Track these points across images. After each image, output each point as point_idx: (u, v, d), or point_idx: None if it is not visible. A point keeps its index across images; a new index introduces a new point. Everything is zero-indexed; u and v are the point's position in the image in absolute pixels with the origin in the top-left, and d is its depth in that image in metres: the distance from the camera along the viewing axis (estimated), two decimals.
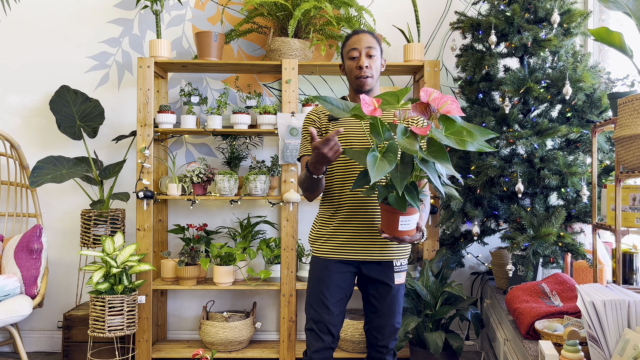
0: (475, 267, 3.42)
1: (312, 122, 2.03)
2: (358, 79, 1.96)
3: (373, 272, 1.95)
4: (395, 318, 1.98)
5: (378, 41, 2.00)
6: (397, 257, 1.96)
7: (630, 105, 1.68)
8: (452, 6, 3.43)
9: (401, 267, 1.97)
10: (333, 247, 1.95)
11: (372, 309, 1.98)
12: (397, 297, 1.98)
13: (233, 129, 3.12)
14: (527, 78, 2.62)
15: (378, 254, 1.93)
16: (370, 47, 1.96)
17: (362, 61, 1.94)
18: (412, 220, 1.65)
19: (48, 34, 3.44)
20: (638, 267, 2.25)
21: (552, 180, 2.47)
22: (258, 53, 3.45)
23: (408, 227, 1.65)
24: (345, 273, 1.95)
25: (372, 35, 1.98)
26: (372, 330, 1.99)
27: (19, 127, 3.44)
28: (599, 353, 1.47)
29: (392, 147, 1.49)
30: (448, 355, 2.70)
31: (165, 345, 3.25)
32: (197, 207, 3.44)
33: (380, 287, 1.96)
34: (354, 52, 1.96)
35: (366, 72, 1.94)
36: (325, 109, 1.73)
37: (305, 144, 2.02)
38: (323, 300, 1.92)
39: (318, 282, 1.94)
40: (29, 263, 2.95)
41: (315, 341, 1.93)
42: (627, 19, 2.82)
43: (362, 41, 1.96)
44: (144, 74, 3.04)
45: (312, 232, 2.05)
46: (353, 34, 2.00)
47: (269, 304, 3.44)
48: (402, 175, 1.47)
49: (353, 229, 1.93)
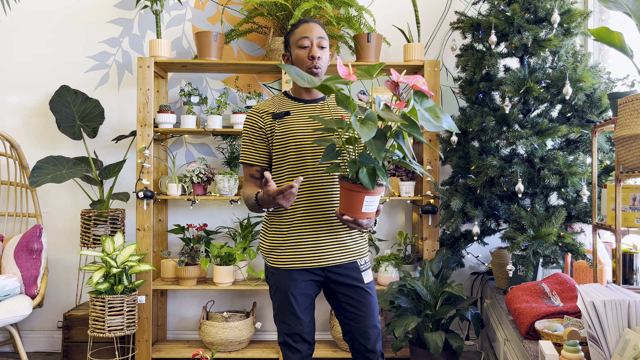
0: (475, 267, 3.42)
1: (255, 123, 1.89)
2: (309, 69, 1.84)
3: (341, 277, 1.86)
4: (376, 318, 1.89)
5: (327, 32, 1.92)
6: (360, 255, 1.89)
7: (630, 105, 1.68)
8: (452, 6, 3.43)
9: (366, 265, 1.90)
10: (293, 257, 1.83)
11: (349, 315, 1.88)
12: (373, 296, 1.90)
13: (233, 129, 3.12)
14: (527, 78, 2.62)
15: (340, 256, 1.85)
16: (322, 38, 1.87)
17: (315, 51, 1.83)
18: (376, 201, 1.60)
19: (48, 33, 3.44)
20: (638, 267, 2.25)
21: (552, 180, 2.47)
22: (258, 53, 3.45)
23: (371, 209, 1.60)
24: (309, 281, 1.86)
25: (322, 26, 1.90)
26: (356, 337, 1.88)
27: (19, 127, 3.44)
28: (599, 353, 1.47)
29: (372, 115, 1.45)
30: (448, 355, 2.70)
31: (165, 345, 3.25)
32: (197, 207, 3.44)
33: (353, 290, 1.86)
34: (304, 41, 1.84)
35: (318, 63, 1.84)
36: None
37: (249, 148, 1.90)
38: (292, 311, 1.84)
39: (284, 294, 1.84)
40: (29, 263, 2.95)
41: (292, 353, 1.87)
42: (627, 19, 2.83)
43: (313, 30, 1.86)
44: (144, 74, 3.04)
45: (264, 241, 1.91)
46: (302, 22, 1.89)
47: (269, 304, 3.44)
48: (378, 146, 1.44)
49: (311, 233, 1.82)
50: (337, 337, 3.11)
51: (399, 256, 3.15)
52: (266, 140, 1.88)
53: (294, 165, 1.84)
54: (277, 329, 1.90)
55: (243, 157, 1.91)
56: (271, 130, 1.87)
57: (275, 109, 1.90)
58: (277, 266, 1.86)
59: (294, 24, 1.92)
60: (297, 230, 1.83)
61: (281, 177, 1.87)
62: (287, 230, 1.84)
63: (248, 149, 1.90)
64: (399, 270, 3.10)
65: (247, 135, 1.90)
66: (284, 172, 1.86)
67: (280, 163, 1.87)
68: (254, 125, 1.89)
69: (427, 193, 3.07)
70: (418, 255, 3.22)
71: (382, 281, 3.09)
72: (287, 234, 1.84)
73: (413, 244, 3.25)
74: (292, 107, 1.90)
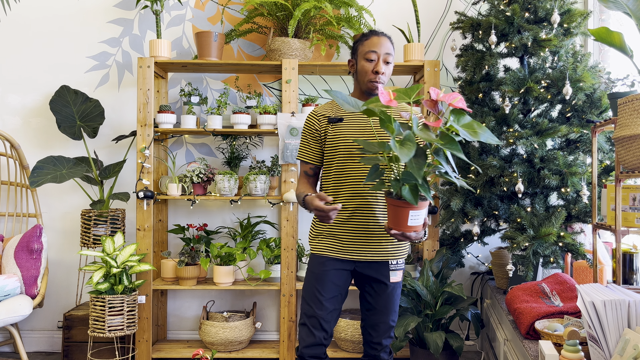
0: (475, 267, 3.42)
1: (312, 125, 2.04)
2: (371, 83, 1.97)
3: (368, 271, 1.97)
4: (390, 316, 2.00)
5: (394, 48, 2.02)
6: (393, 256, 1.99)
7: (630, 105, 1.68)
8: (452, 6, 3.43)
9: (397, 266, 1.99)
10: (330, 245, 1.98)
11: (367, 306, 2.01)
12: (393, 295, 2.00)
13: (233, 129, 3.12)
14: (527, 78, 2.62)
15: (373, 254, 1.95)
16: (389, 54, 1.97)
17: (380, 67, 1.95)
18: (421, 214, 1.67)
19: (48, 34, 3.44)
20: (638, 267, 2.25)
21: (552, 180, 2.47)
22: (258, 53, 3.45)
23: (417, 222, 1.67)
24: (341, 270, 1.96)
25: (391, 42, 2.00)
26: (367, 327, 2.02)
27: (19, 127, 3.44)
28: (599, 353, 1.48)
29: (410, 137, 1.53)
30: (448, 355, 2.70)
31: (165, 345, 3.25)
32: (197, 207, 3.44)
33: (376, 285, 1.98)
34: (372, 55, 1.95)
35: (381, 78, 1.96)
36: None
37: (305, 147, 2.06)
38: (317, 295, 1.94)
39: (313, 278, 1.97)
40: (29, 263, 2.95)
41: (307, 336, 1.94)
42: (627, 19, 2.83)
43: (382, 46, 1.96)
44: (144, 74, 3.04)
45: (312, 229, 2.08)
46: (373, 34, 1.98)
47: (269, 304, 3.44)
48: (418, 164, 1.53)
49: (350, 229, 1.95)
50: (338, 337, 3.11)
51: None
52: (320, 142, 2.03)
53: (341, 169, 1.97)
54: (300, 311, 2.04)
55: (300, 154, 2.08)
56: (325, 133, 2.02)
57: (332, 113, 2.04)
58: (314, 252, 2.02)
59: (365, 34, 2.01)
60: (338, 224, 1.97)
61: (328, 177, 2.02)
62: (330, 226, 1.98)
63: (305, 148, 2.06)
64: None
65: (305, 135, 2.07)
66: (331, 173, 2.00)
67: (329, 164, 2.01)
68: (311, 127, 2.04)
69: None
70: (418, 255, 3.22)
71: None
72: (328, 226, 1.98)
73: (413, 244, 3.25)
74: (347, 113, 2.01)
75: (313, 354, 1.94)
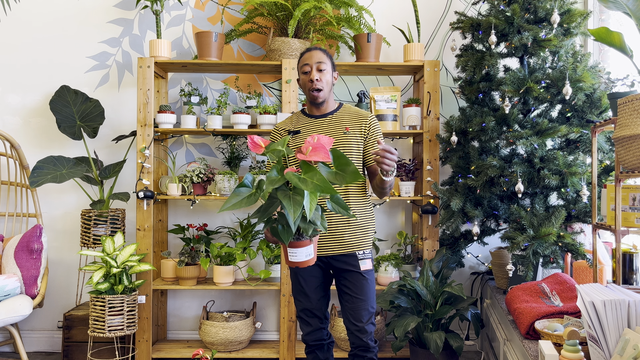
0: (475, 267, 3.42)
1: (275, 139, 2.24)
2: (311, 92, 2.15)
3: (340, 263, 2.17)
4: (369, 302, 2.16)
5: (329, 57, 2.20)
6: (359, 247, 2.16)
7: (630, 105, 1.68)
8: (452, 6, 3.43)
9: (365, 255, 2.17)
10: None
11: (346, 297, 2.18)
12: (368, 282, 2.16)
13: (233, 129, 3.12)
14: (527, 78, 2.62)
15: (339, 248, 2.15)
16: (320, 62, 2.15)
17: (313, 74, 2.14)
18: (300, 252, 1.61)
19: (48, 34, 3.44)
20: (638, 267, 2.25)
21: (552, 180, 2.47)
22: (258, 53, 3.45)
23: (298, 259, 1.62)
24: (315, 266, 2.19)
25: (322, 51, 2.18)
26: (349, 315, 2.17)
27: (19, 127, 3.44)
28: (599, 353, 1.48)
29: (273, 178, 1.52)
30: (448, 355, 2.70)
31: (165, 345, 3.25)
32: (197, 207, 3.44)
33: (349, 274, 2.16)
34: (306, 67, 2.16)
35: (317, 84, 2.13)
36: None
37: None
38: (302, 290, 2.21)
39: (295, 276, 2.22)
40: (29, 263, 2.95)
41: (305, 325, 2.26)
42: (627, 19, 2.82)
43: (313, 57, 2.16)
44: (144, 74, 3.04)
45: None
46: (306, 51, 2.20)
47: (269, 304, 3.44)
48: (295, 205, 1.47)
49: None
50: (337, 336, 3.11)
51: (399, 256, 3.15)
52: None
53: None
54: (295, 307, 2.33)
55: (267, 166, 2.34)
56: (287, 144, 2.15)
57: (292, 126, 2.24)
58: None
59: (301, 54, 2.23)
60: None
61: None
62: None
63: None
64: (399, 270, 3.11)
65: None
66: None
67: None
68: (275, 140, 2.23)
69: (427, 193, 3.07)
70: (418, 255, 3.22)
71: (382, 281, 3.09)
72: None
73: (413, 244, 3.25)
74: (304, 124, 2.22)
75: (315, 339, 2.26)
